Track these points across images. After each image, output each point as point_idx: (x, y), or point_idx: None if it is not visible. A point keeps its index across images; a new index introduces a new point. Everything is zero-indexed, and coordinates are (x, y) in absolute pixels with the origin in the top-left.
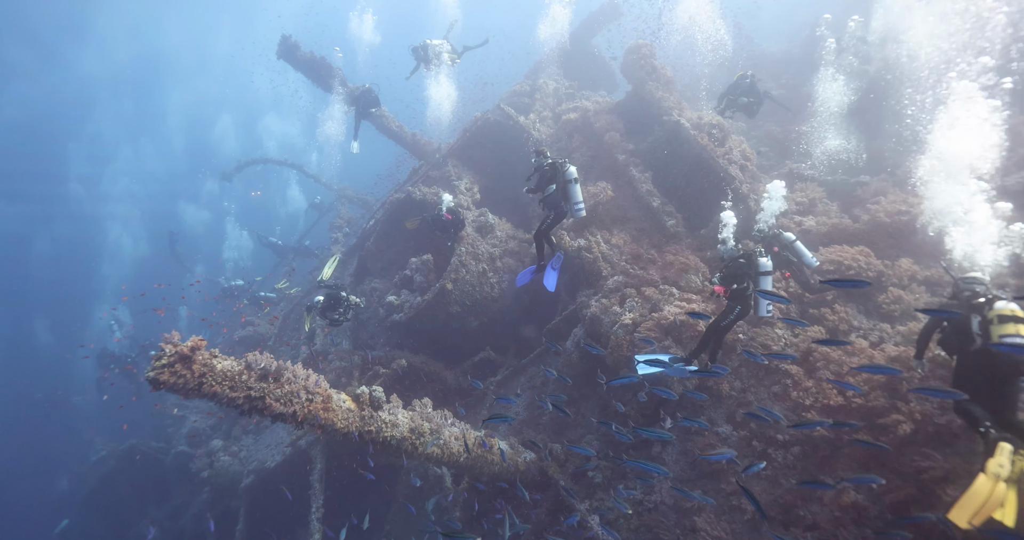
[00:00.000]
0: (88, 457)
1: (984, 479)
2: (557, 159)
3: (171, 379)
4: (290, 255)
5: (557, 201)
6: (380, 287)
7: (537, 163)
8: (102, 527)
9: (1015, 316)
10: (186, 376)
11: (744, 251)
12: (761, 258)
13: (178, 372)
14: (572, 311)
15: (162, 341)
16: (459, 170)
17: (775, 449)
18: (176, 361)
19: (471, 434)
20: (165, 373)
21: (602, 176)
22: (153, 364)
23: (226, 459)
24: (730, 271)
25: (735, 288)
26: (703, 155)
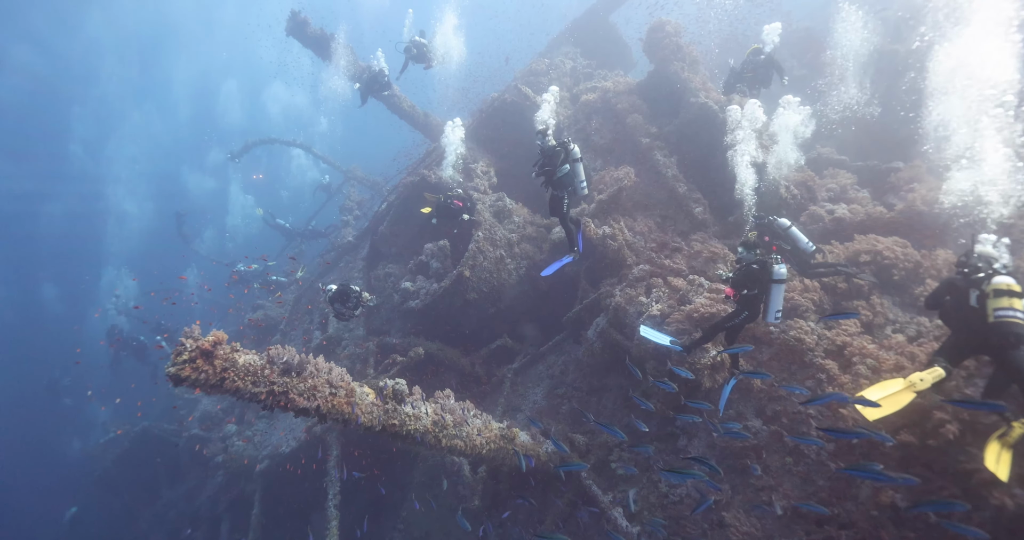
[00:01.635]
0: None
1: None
2: (559, 138)
3: (193, 375)
4: (298, 238)
5: (570, 181)
6: (395, 272)
7: (545, 146)
8: (117, 506)
9: (1011, 290)
10: (208, 372)
11: (760, 258)
12: (776, 266)
13: (199, 368)
14: (594, 300)
15: (182, 335)
16: (475, 152)
17: (809, 447)
18: (197, 356)
19: (493, 426)
20: (186, 369)
21: (623, 160)
22: (173, 360)
23: (240, 444)
24: (743, 275)
25: (745, 293)
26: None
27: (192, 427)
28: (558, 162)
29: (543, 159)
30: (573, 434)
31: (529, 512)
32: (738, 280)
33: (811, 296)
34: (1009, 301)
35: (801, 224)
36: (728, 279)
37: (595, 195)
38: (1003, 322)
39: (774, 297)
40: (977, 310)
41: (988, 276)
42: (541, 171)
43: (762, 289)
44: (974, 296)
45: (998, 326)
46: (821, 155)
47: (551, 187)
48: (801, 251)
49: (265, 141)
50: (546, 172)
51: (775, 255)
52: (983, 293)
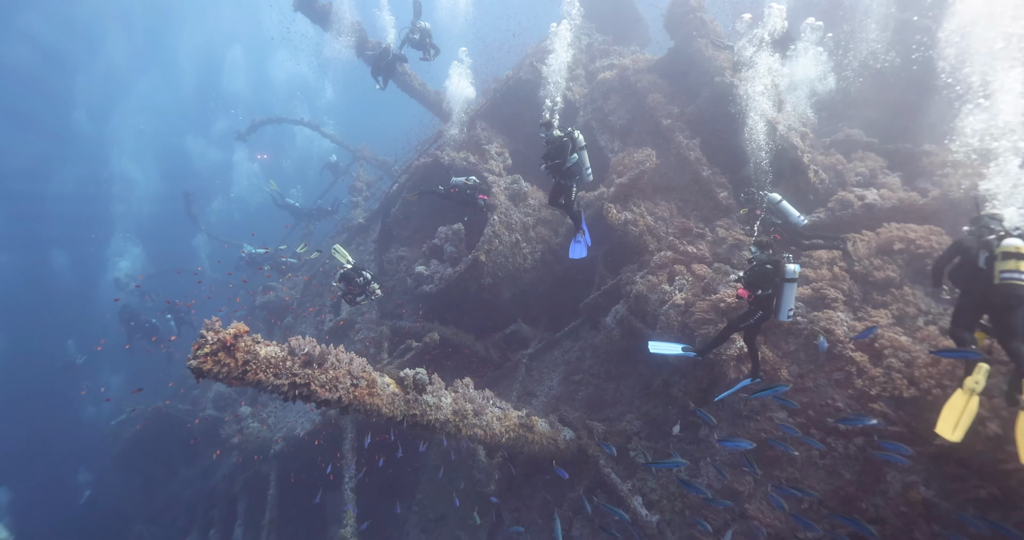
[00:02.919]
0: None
1: (960, 394)
2: (564, 128)
3: (215, 368)
4: (307, 218)
5: (578, 170)
6: (407, 255)
7: (551, 137)
8: (135, 483)
9: (1019, 253)
10: (230, 364)
11: (773, 257)
12: (789, 265)
13: (221, 361)
14: (613, 286)
15: (203, 327)
16: (489, 133)
17: (836, 438)
18: (219, 349)
19: (512, 414)
20: (208, 362)
21: (642, 141)
22: (195, 352)
23: (255, 426)
24: (756, 276)
25: (759, 294)
26: (762, 122)
27: (206, 408)
28: (567, 153)
29: (551, 150)
30: (591, 421)
31: (545, 498)
32: (751, 280)
33: (841, 286)
34: (1016, 264)
35: (830, 210)
36: (740, 280)
37: (614, 178)
38: (1008, 284)
39: (787, 295)
40: (984, 271)
41: (999, 238)
42: (551, 163)
43: (775, 288)
44: (983, 258)
45: (1003, 288)
46: (849, 137)
47: (558, 176)
48: (792, 225)
49: (273, 120)
50: (556, 164)
51: (787, 255)
52: (992, 255)
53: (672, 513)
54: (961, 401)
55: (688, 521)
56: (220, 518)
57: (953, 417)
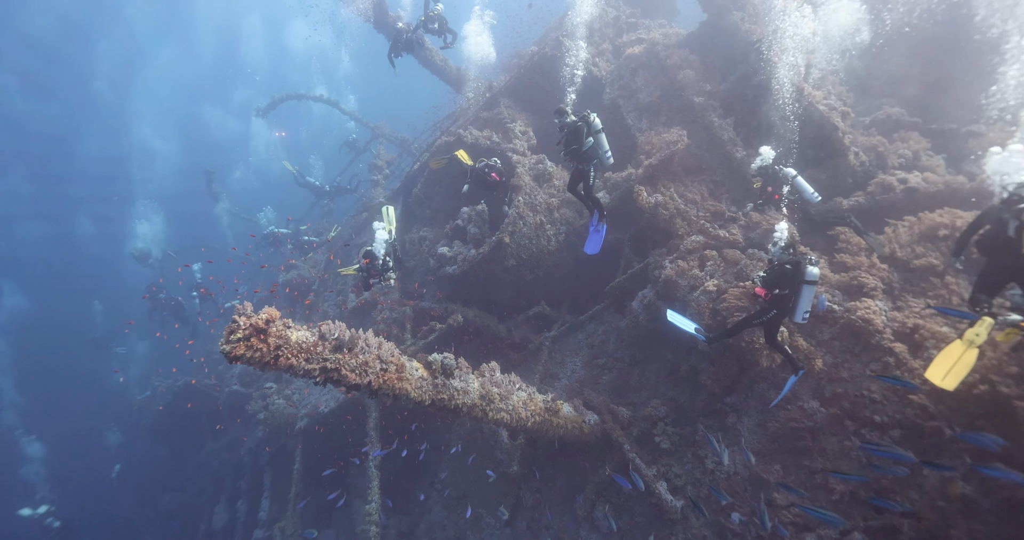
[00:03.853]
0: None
1: (958, 343)
2: (580, 112)
3: (247, 353)
4: (327, 197)
5: (595, 153)
6: (430, 236)
7: (564, 123)
8: (164, 454)
9: None
10: (262, 350)
11: (793, 257)
12: (810, 267)
13: (254, 346)
14: (639, 270)
15: (235, 313)
16: (512, 111)
17: (871, 430)
18: (251, 334)
19: (538, 398)
20: (241, 347)
21: (672, 120)
22: (228, 338)
23: (280, 402)
24: (775, 275)
25: (776, 293)
26: (800, 101)
27: (231, 383)
28: (582, 137)
29: (566, 136)
30: (615, 405)
31: (567, 480)
32: (770, 280)
33: (879, 274)
34: None
35: (869, 194)
36: (760, 279)
37: (642, 159)
38: None
39: (804, 298)
40: (1013, 240)
41: None
42: (567, 149)
43: (793, 289)
44: (1012, 226)
45: None
46: (890, 116)
47: (576, 162)
48: (807, 202)
49: (292, 97)
50: (572, 150)
51: (808, 255)
52: (1022, 224)
53: (697, 498)
54: (957, 350)
55: (714, 508)
56: (247, 489)
57: (946, 365)
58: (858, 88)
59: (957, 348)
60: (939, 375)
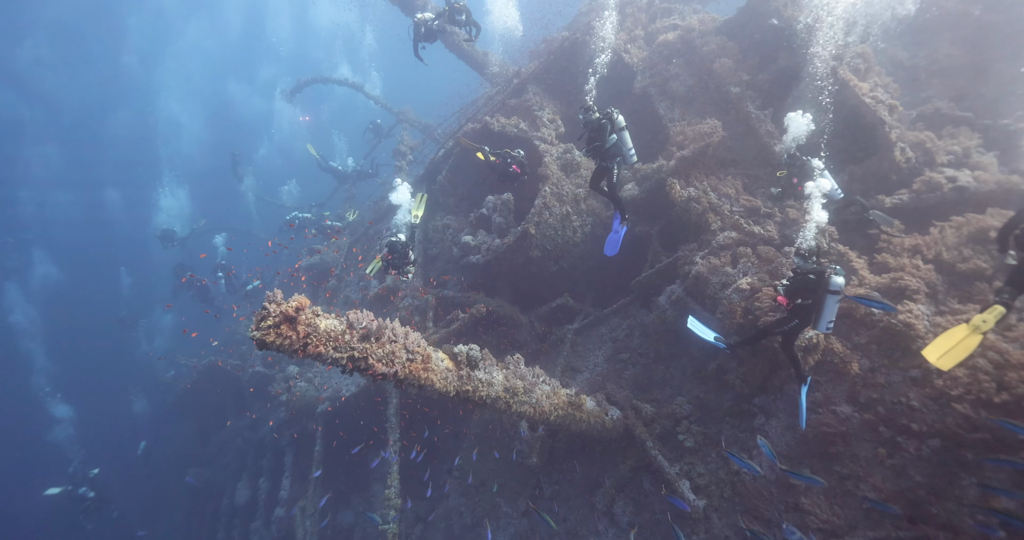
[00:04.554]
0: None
1: (963, 327)
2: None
3: (277, 340)
4: (350, 180)
5: (619, 150)
6: (453, 224)
7: (588, 119)
8: (189, 430)
9: None
10: (291, 337)
11: (817, 267)
12: (836, 277)
13: (283, 334)
14: (668, 264)
15: (265, 300)
16: (541, 98)
17: (908, 439)
18: (281, 322)
19: (561, 392)
20: (271, 334)
21: (706, 110)
22: (258, 324)
23: (303, 385)
24: (799, 285)
25: (798, 303)
26: (844, 92)
27: (255, 363)
28: (606, 134)
29: (589, 134)
30: (638, 401)
31: (586, 473)
32: (793, 289)
33: (923, 276)
34: None
35: (915, 193)
36: (783, 288)
37: (674, 151)
38: None
39: (828, 308)
40: None
41: None
42: (590, 146)
43: (816, 299)
44: None
45: None
46: (939, 110)
47: (599, 159)
48: (828, 196)
49: (318, 80)
50: (595, 147)
51: (834, 265)
52: None
53: (720, 499)
54: (960, 333)
55: (737, 509)
56: (269, 468)
57: (945, 345)
58: (902, 78)
59: (961, 331)
60: (936, 354)
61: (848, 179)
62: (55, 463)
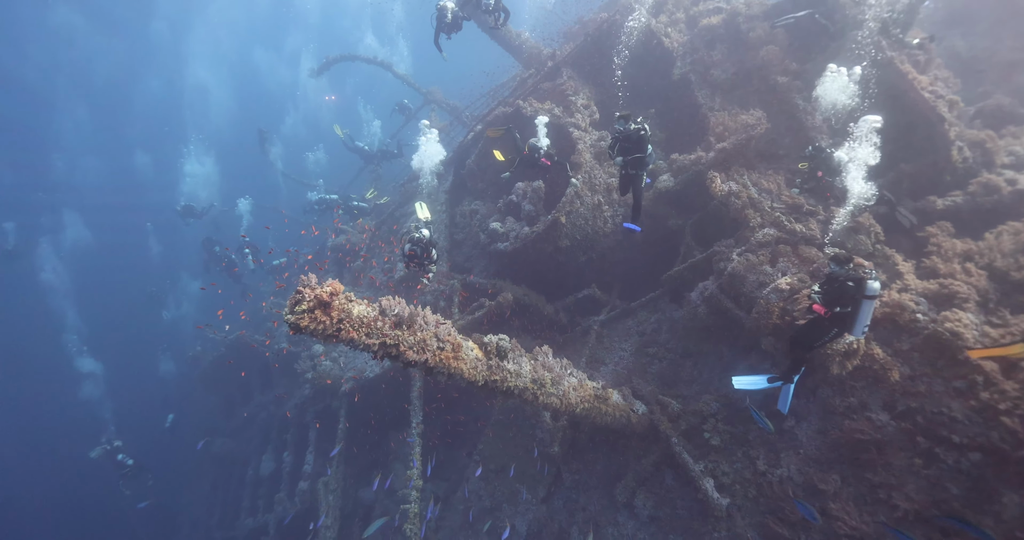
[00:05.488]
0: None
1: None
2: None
3: (311, 325)
4: (377, 160)
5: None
6: (481, 210)
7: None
8: (215, 402)
9: None
10: (325, 322)
11: (855, 273)
12: (872, 282)
13: (317, 318)
14: (702, 260)
15: (299, 284)
16: (576, 83)
17: (947, 450)
18: (316, 307)
19: (588, 385)
20: (305, 319)
21: (748, 100)
22: (293, 308)
23: (327, 364)
24: (837, 293)
25: (837, 311)
26: (901, 85)
27: (280, 341)
28: (646, 145)
29: (629, 145)
30: (665, 397)
31: (607, 465)
32: (832, 298)
33: (974, 283)
34: None
35: (969, 195)
36: (818, 296)
37: (713, 142)
38: None
39: (864, 312)
40: None
41: None
42: (629, 156)
43: (854, 305)
44: None
45: None
46: (1001, 107)
47: (630, 168)
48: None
49: (346, 57)
50: (636, 159)
51: (869, 270)
52: None
53: (744, 498)
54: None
55: (761, 509)
56: (293, 442)
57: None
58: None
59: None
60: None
61: (897, 178)
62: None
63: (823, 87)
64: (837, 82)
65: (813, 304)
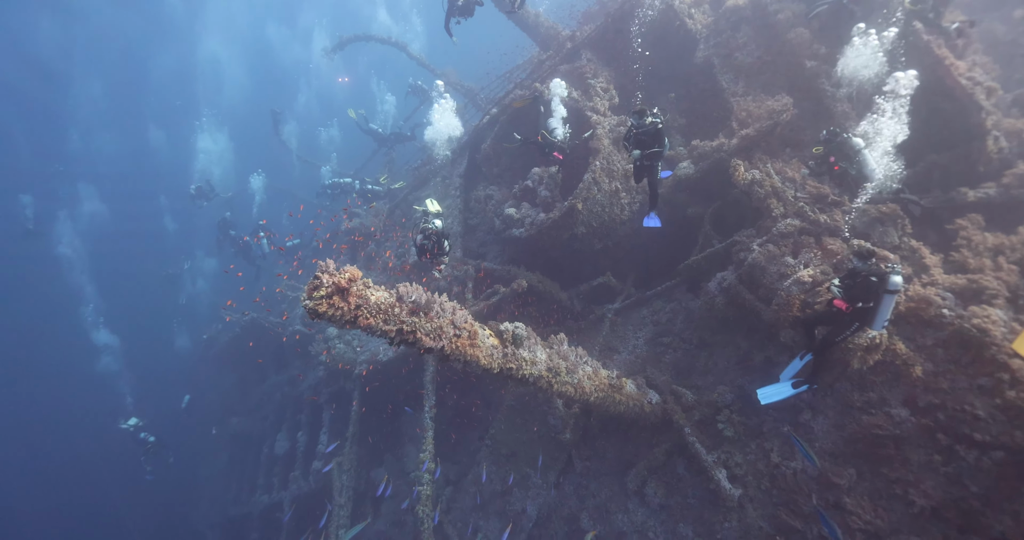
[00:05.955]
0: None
1: None
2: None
3: (329, 311)
4: (390, 143)
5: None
6: (496, 195)
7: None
8: (230, 382)
9: None
10: (343, 308)
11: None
12: (895, 276)
13: (335, 304)
14: (721, 249)
15: (318, 269)
16: (595, 66)
17: (968, 448)
18: (334, 293)
19: (602, 373)
20: (323, 304)
21: (774, 85)
22: (311, 294)
23: (341, 347)
24: (860, 288)
25: (859, 306)
26: (938, 71)
27: (294, 322)
28: (664, 139)
29: (647, 139)
30: (679, 387)
31: (619, 453)
32: (855, 293)
33: (1004, 277)
34: None
35: (1003, 187)
36: (839, 291)
37: (736, 128)
38: None
39: (885, 307)
40: None
41: None
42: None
43: (876, 300)
44: None
45: None
46: None
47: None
48: (864, 177)
49: (360, 38)
50: (655, 152)
51: (893, 263)
52: None
53: (757, 490)
54: None
55: (774, 501)
56: (307, 422)
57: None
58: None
59: None
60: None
61: (928, 168)
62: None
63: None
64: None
65: (834, 299)
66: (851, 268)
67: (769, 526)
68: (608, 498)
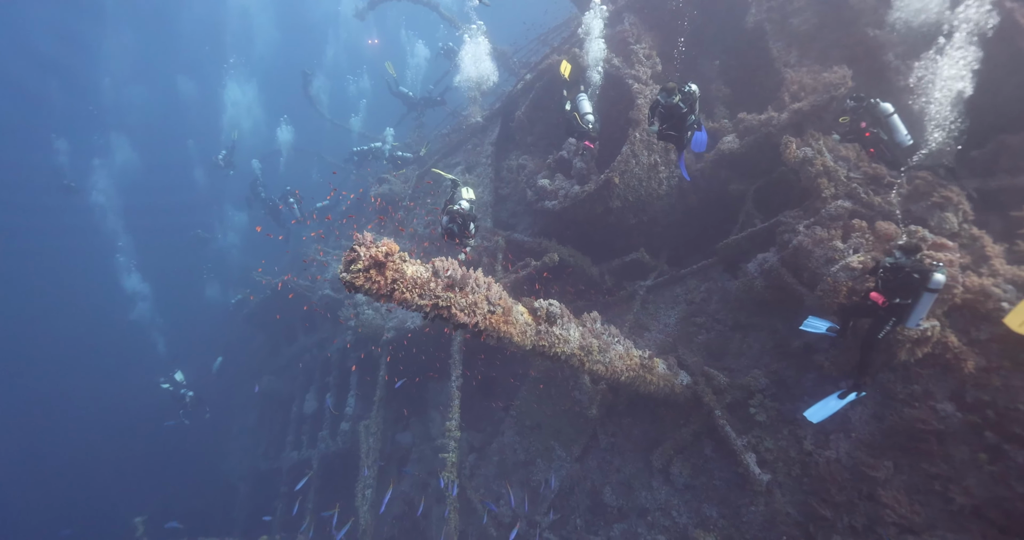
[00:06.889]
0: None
1: None
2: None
3: (366, 284)
4: (420, 108)
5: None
6: (529, 165)
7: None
8: (261, 341)
9: None
10: (379, 282)
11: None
12: (938, 274)
13: (372, 278)
14: (763, 230)
15: (355, 242)
16: (638, 30)
17: (1017, 448)
18: (371, 266)
19: (634, 353)
20: (360, 278)
21: (830, 55)
22: (348, 267)
23: (369, 312)
24: (901, 284)
25: (896, 302)
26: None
27: (324, 287)
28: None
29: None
30: (711, 369)
31: (645, 431)
32: (894, 288)
33: None
34: None
35: None
36: (878, 285)
37: (786, 100)
38: None
39: (924, 304)
40: None
41: None
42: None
43: (915, 297)
44: None
45: None
46: None
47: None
48: (897, 144)
49: None
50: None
51: (938, 262)
52: None
53: (786, 476)
54: None
55: (804, 489)
56: (335, 384)
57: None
58: None
59: None
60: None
61: (996, 150)
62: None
63: None
64: None
65: (871, 292)
66: (894, 262)
67: (797, 513)
68: (632, 475)
